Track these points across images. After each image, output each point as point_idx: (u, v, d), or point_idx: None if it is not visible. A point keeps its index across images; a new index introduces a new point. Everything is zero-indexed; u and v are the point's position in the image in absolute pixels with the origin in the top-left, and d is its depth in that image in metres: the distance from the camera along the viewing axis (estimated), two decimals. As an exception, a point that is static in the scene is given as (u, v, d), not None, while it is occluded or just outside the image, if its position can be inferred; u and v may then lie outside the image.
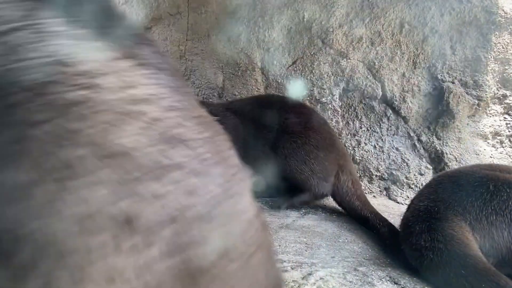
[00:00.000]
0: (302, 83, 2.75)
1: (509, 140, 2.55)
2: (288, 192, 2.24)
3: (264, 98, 2.55)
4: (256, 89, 2.82)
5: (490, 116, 2.55)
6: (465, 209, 1.45)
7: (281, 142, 2.22)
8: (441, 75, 2.55)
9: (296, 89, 2.74)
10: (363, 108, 2.68)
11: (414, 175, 2.60)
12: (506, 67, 2.48)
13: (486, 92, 2.50)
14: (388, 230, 1.86)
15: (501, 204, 1.41)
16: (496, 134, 2.56)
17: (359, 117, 2.69)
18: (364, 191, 2.38)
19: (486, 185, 1.47)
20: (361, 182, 2.50)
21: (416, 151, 2.62)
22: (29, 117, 0.41)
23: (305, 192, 2.20)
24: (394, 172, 2.63)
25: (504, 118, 2.54)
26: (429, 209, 1.53)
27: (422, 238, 1.44)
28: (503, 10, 2.42)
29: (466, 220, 1.43)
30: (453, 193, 1.52)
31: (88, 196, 0.39)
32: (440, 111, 2.55)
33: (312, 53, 2.72)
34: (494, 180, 1.47)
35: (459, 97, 2.50)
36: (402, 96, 2.61)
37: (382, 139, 2.66)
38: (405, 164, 2.62)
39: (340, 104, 2.72)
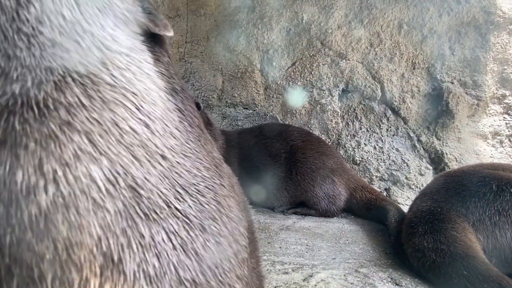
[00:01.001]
0: (302, 85, 2.74)
1: (509, 140, 2.55)
2: (295, 206, 2.31)
3: (269, 126, 2.59)
4: (256, 91, 2.82)
5: (490, 116, 2.55)
6: (468, 209, 1.44)
7: (294, 167, 2.27)
8: (440, 76, 2.55)
9: (295, 91, 2.74)
10: (362, 109, 2.68)
11: (415, 175, 2.60)
12: (505, 67, 2.48)
13: (485, 92, 2.50)
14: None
15: (504, 204, 1.41)
16: (495, 134, 2.56)
17: (359, 118, 2.69)
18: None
19: (489, 185, 1.46)
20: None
21: (416, 151, 2.62)
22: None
23: (311, 210, 2.25)
24: (394, 172, 2.63)
25: (504, 117, 2.55)
26: (432, 210, 1.52)
27: (425, 239, 1.43)
28: (501, 10, 2.43)
29: (469, 221, 1.43)
30: (456, 193, 1.52)
31: None
32: (439, 111, 2.55)
33: (311, 55, 2.72)
34: (497, 180, 1.47)
35: (459, 97, 2.50)
36: (401, 97, 2.61)
37: (382, 140, 2.65)
38: (405, 164, 2.61)
39: (339, 105, 2.72)
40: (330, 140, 2.72)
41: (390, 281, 1.42)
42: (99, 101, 0.44)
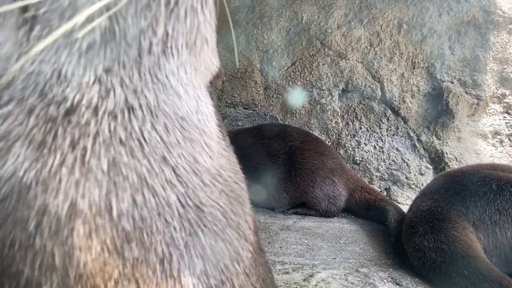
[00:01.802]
0: (301, 85, 2.74)
1: (509, 139, 2.55)
2: (295, 207, 2.30)
3: (268, 127, 2.57)
4: (256, 91, 2.82)
5: (490, 116, 2.55)
6: (468, 209, 1.45)
7: (293, 168, 2.25)
8: (440, 75, 2.55)
9: (295, 91, 2.74)
10: (362, 109, 2.68)
11: (415, 175, 2.60)
12: (504, 66, 2.48)
13: (485, 91, 2.50)
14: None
15: (504, 203, 1.41)
16: (496, 133, 2.56)
17: (359, 117, 2.69)
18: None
19: (489, 185, 1.47)
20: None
21: (416, 151, 2.62)
22: None
23: (311, 210, 2.25)
24: (394, 172, 2.63)
25: (504, 117, 2.55)
26: (432, 209, 1.52)
27: (425, 239, 1.43)
28: (501, 10, 2.43)
29: (469, 221, 1.43)
30: (456, 193, 1.52)
31: None
32: (439, 111, 2.55)
33: (311, 55, 2.72)
34: (497, 180, 1.47)
35: (459, 96, 2.50)
36: (401, 97, 2.61)
37: (382, 140, 2.65)
38: (405, 164, 2.61)
39: (339, 105, 2.72)
40: (330, 140, 2.72)
41: (390, 281, 1.42)
42: (188, 140, 0.50)
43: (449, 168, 2.47)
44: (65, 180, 0.41)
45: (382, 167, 2.65)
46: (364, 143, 2.67)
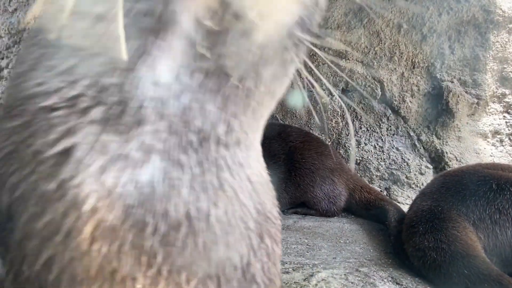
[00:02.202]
0: (301, 85, 2.74)
1: (509, 139, 2.55)
2: (295, 206, 2.30)
3: (268, 127, 2.54)
4: (255, 91, 2.82)
5: (490, 115, 2.55)
6: (468, 208, 1.45)
7: (293, 168, 2.25)
8: (440, 75, 2.55)
9: (295, 91, 2.74)
10: (362, 109, 2.68)
11: (415, 174, 2.60)
12: (504, 66, 2.48)
13: (485, 91, 2.50)
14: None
15: (504, 203, 1.41)
16: (496, 132, 2.56)
17: (359, 117, 2.69)
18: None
19: (489, 184, 1.47)
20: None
21: (416, 150, 2.62)
22: None
23: (311, 210, 2.24)
24: (394, 172, 2.63)
25: (504, 116, 2.55)
26: (433, 209, 1.52)
27: (425, 239, 1.43)
28: (501, 9, 2.43)
29: (469, 220, 1.43)
30: (456, 192, 1.52)
31: None
32: (439, 110, 2.55)
33: (310, 54, 2.72)
34: (497, 179, 1.47)
35: (459, 96, 2.50)
36: (401, 96, 2.61)
37: (382, 139, 2.65)
38: (405, 163, 2.61)
39: (339, 104, 2.72)
40: (330, 140, 2.72)
41: (390, 280, 1.42)
42: (257, 160, 0.62)
43: (449, 167, 2.47)
44: (187, 191, 0.49)
45: (382, 166, 2.65)
46: (364, 143, 2.67)
